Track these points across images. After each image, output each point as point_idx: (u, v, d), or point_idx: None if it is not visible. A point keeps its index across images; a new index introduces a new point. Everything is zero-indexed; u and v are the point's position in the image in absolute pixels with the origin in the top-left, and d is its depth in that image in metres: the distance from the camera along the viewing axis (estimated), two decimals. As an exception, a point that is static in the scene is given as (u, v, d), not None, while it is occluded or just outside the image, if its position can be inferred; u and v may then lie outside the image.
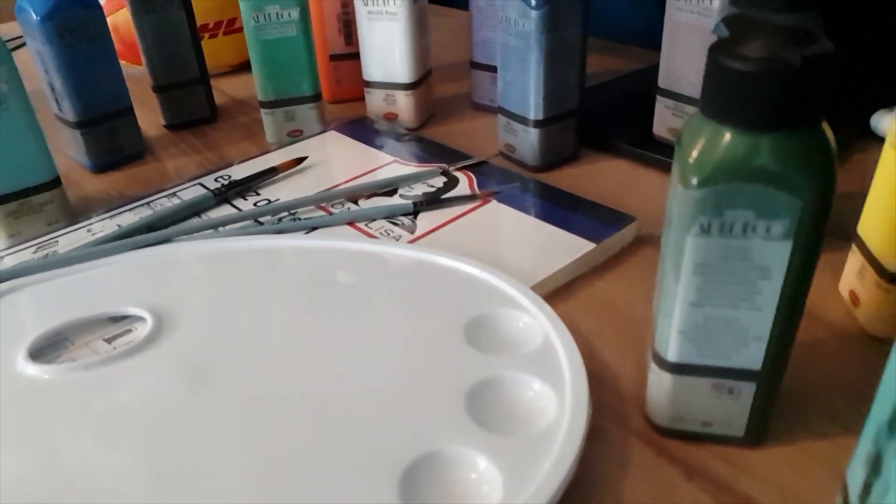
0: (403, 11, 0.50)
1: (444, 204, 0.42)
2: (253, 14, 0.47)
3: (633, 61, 0.66)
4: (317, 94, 0.52)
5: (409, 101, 0.54)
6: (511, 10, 0.44)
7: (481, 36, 0.54)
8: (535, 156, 0.47)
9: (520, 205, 0.41)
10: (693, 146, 0.22)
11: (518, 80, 0.45)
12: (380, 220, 0.41)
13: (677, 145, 0.24)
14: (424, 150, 0.49)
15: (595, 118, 0.50)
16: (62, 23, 0.46)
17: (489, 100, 0.57)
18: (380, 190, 0.44)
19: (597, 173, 0.48)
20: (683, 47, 0.43)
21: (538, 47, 0.43)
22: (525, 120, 0.46)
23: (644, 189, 0.45)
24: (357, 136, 0.51)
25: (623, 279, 0.37)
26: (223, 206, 0.43)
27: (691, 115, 0.24)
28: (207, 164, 0.52)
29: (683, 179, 0.22)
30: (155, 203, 0.44)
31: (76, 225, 0.42)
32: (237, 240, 0.38)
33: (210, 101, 0.58)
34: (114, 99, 0.50)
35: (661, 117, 0.47)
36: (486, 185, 0.44)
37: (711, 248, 0.23)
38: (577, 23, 0.44)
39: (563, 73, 0.45)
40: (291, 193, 0.44)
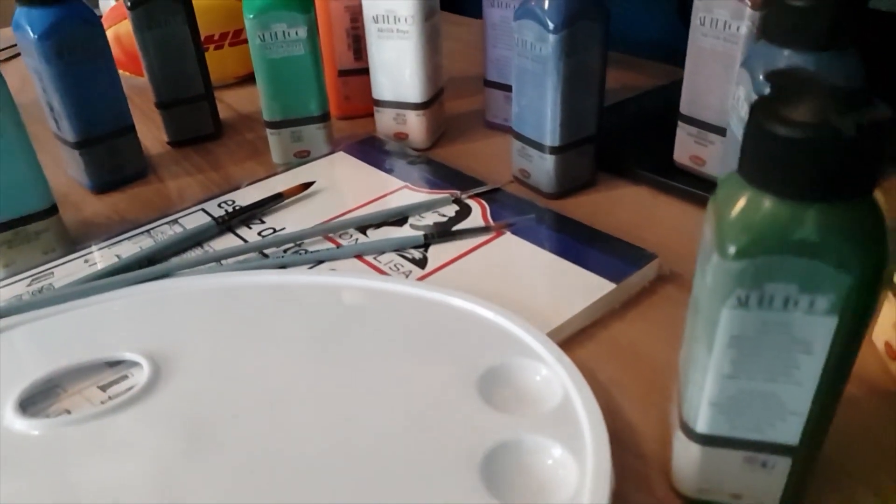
0: (415, 29, 0.48)
1: (456, 236, 0.40)
2: (259, 32, 0.46)
3: (653, 77, 0.64)
4: (325, 115, 0.50)
5: (420, 121, 0.52)
6: (527, 33, 0.42)
7: (496, 54, 0.53)
8: (551, 183, 0.45)
9: (535, 238, 0.40)
10: (730, 212, 0.21)
11: (534, 105, 0.43)
12: (389, 253, 0.39)
13: (712, 203, 0.22)
14: (435, 175, 0.47)
15: (613, 141, 0.48)
16: (61, 41, 0.44)
17: (503, 119, 0.55)
18: (389, 219, 0.42)
19: (615, 201, 0.46)
20: (707, 74, 0.41)
21: (555, 72, 0.41)
22: (541, 146, 0.44)
23: (664, 219, 0.44)
24: (366, 158, 0.49)
25: (643, 321, 0.35)
26: (226, 235, 0.42)
27: (728, 174, 0.22)
28: (211, 184, 0.50)
29: (720, 247, 0.21)
30: (155, 231, 0.42)
31: (73, 254, 0.40)
32: (240, 275, 0.37)
33: (215, 118, 0.56)
34: (114, 117, 0.48)
35: (683, 144, 0.45)
36: (499, 216, 0.42)
37: (748, 321, 0.21)
38: (596, 46, 0.42)
39: (582, 98, 0.43)
40: (297, 221, 0.42)
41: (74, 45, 0.45)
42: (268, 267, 0.38)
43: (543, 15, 0.40)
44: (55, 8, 0.44)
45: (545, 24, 0.40)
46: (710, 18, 0.39)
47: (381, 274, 0.37)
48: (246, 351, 0.32)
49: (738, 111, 0.33)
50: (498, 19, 0.51)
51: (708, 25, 0.40)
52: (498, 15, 0.51)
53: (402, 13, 0.48)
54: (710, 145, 0.43)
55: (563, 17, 0.40)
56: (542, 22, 0.40)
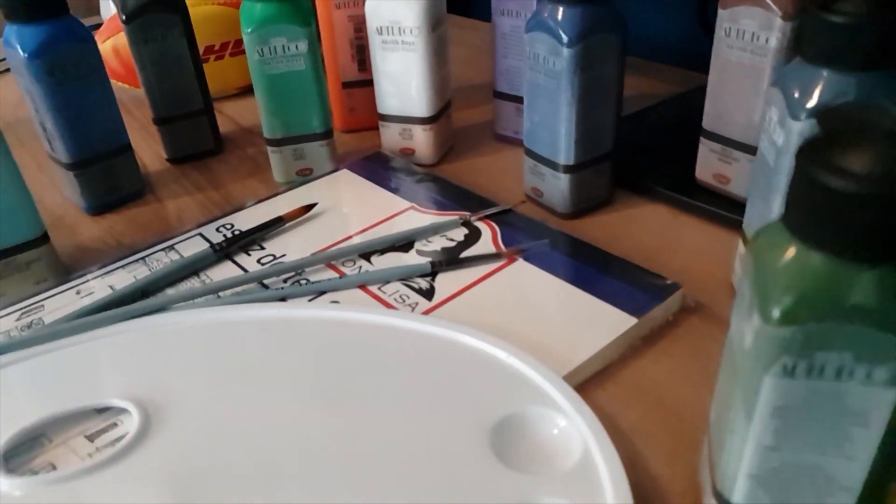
0: (421, 41, 0.46)
1: (465, 264, 0.38)
2: (257, 47, 0.44)
3: (670, 83, 0.61)
4: (327, 131, 0.48)
5: (426, 136, 0.50)
6: (540, 46, 0.39)
7: (506, 64, 0.50)
8: (565, 202, 0.43)
9: (549, 265, 0.37)
10: (773, 269, 0.18)
11: (547, 122, 0.41)
12: (394, 283, 0.37)
13: (751, 253, 0.20)
14: (443, 194, 0.45)
15: (630, 156, 0.45)
16: (52, 59, 0.42)
17: (513, 132, 0.53)
18: (395, 245, 0.40)
19: (633, 221, 0.43)
20: (733, 88, 0.39)
21: (570, 88, 0.39)
22: (554, 164, 0.42)
23: (686, 241, 0.41)
24: (371, 177, 0.47)
25: (667, 358, 0.33)
26: (224, 263, 0.40)
27: (769, 224, 0.20)
28: (210, 204, 0.48)
29: (762, 309, 0.18)
30: (151, 258, 0.40)
31: (65, 285, 0.38)
32: (237, 309, 0.35)
33: (215, 133, 0.54)
34: (110, 137, 0.46)
35: (706, 161, 0.42)
36: (511, 240, 0.39)
37: (795, 390, 0.19)
38: (613, 59, 0.40)
39: (598, 114, 0.41)
40: (299, 246, 0.40)
41: (66, 64, 0.43)
42: (267, 299, 0.36)
43: (557, 27, 0.38)
44: (46, 25, 0.42)
45: (559, 38, 0.38)
46: (736, 29, 0.37)
47: (385, 306, 0.35)
48: (241, 395, 0.30)
49: (770, 134, 0.30)
50: (508, 28, 0.49)
51: (734, 37, 0.37)
52: (508, 24, 0.48)
53: (407, 24, 0.46)
54: (734, 163, 0.40)
55: (577, 29, 0.38)
56: (556, 35, 0.38)
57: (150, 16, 0.48)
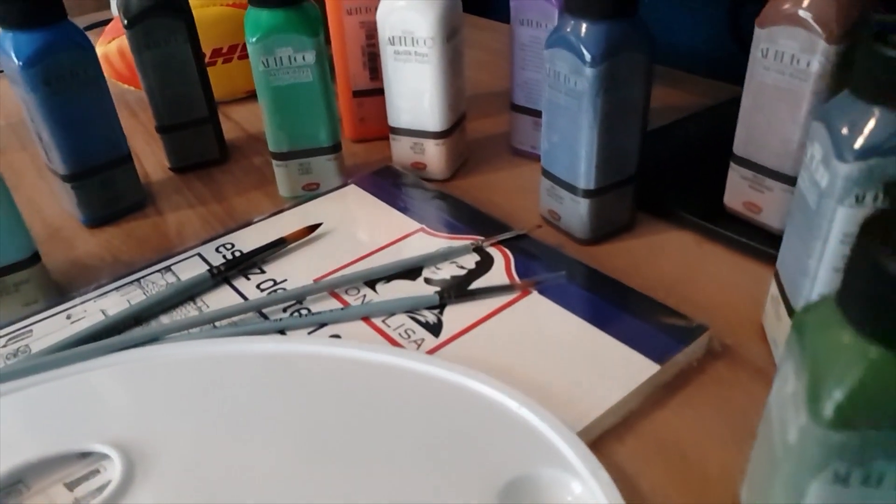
0: (435, 53, 0.44)
1: (476, 296, 0.35)
2: (262, 58, 0.41)
3: (698, 94, 0.59)
4: (335, 145, 0.46)
5: (439, 150, 0.47)
6: (560, 64, 0.37)
7: (524, 77, 0.48)
8: (584, 228, 0.41)
9: (565, 299, 0.35)
10: (824, 356, 0.16)
11: (566, 144, 0.39)
12: (400, 315, 0.35)
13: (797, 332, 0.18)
14: (454, 215, 0.42)
15: (654, 175, 0.43)
16: (48, 68, 0.40)
17: (531, 147, 0.50)
18: (402, 271, 0.38)
19: (656, 249, 0.41)
20: (768, 113, 0.36)
21: (592, 109, 0.36)
22: (573, 188, 0.40)
23: (713, 273, 0.38)
24: (379, 193, 0.45)
25: (690, 409, 0.30)
26: (222, 288, 0.38)
27: (820, 301, 0.17)
28: (212, 218, 0.46)
29: (811, 405, 0.16)
30: (146, 280, 0.38)
31: (55, 308, 0.37)
32: (232, 342, 0.33)
33: (220, 142, 0.52)
34: (109, 148, 0.44)
35: (736, 188, 0.40)
36: (525, 270, 0.37)
37: (848, 498, 0.16)
38: (640, 80, 0.37)
39: (621, 137, 0.38)
40: (301, 270, 0.38)
41: (63, 73, 0.41)
42: (265, 331, 0.34)
43: (579, 45, 0.35)
44: (42, 32, 0.40)
45: (581, 56, 0.35)
46: (774, 51, 0.34)
47: (389, 342, 0.33)
48: (233, 441, 0.28)
49: (812, 172, 0.28)
50: (527, 39, 0.46)
51: (771, 58, 0.34)
52: (528, 35, 0.46)
53: (420, 34, 0.43)
54: (767, 192, 0.38)
55: (602, 48, 0.35)
56: (578, 53, 0.35)
57: (152, 20, 0.46)
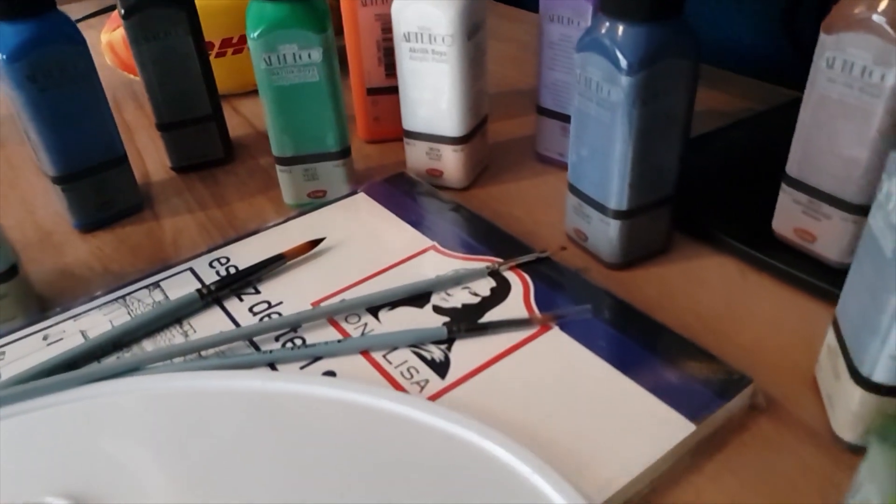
0: (454, 52, 0.40)
1: (489, 330, 0.32)
2: (264, 55, 0.38)
3: (745, 98, 0.54)
4: (344, 150, 0.42)
5: (457, 157, 0.43)
6: (593, 70, 0.33)
7: (552, 77, 0.43)
8: (614, 251, 0.36)
9: (590, 338, 0.31)
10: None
11: (597, 159, 0.34)
12: (403, 349, 0.31)
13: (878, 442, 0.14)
14: (470, 232, 0.39)
15: (692, 190, 0.38)
16: (34, 63, 0.37)
17: (558, 154, 0.46)
18: (409, 296, 0.34)
19: (693, 276, 0.37)
20: (831, 131, 0.31)
21: (627, 122, 0.32)
22: (603, 208, 0.35)
23: (757, 307, 0.34)
24: (390, 204, 0.41)
25: (729, 476, 0.27)
26: (212, 309, 0.34)
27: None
28: (211, 225, 0.43)
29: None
30: (132, 297, 0.35)
31: (32, 327, 0.34)
32: (216, 377, 0.30)
33: (224, 140, 0.49)
34: (102, 149, 0.41)
35: (787, 212, 0.35)
36: (546, 300, 0.33)
37: None
38: (682, 90, 0.33)
39: (659, 154, 0.34)
40: (299, 290, 0.35)
41: (51, 68, 0.38)
42: (254, 363, 0.31)
43: (614, 49, 0.31)
44: (28, 23, 0.37)
45: (617, 63, 0.31)
46: (842, 60, 0.30)
47: (389, 382, 0.30)
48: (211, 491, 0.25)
49: (888, 214, 0.23)
50: (557, 37, 0.42)
51: (838, 69, 0.30)
52: (558, 32, 0.41)
53: (438, 31, 0.39)
54: (824, 219, 0.33)
55: (641, 54, 0.31)
56: (614, 59, 0.31)
57: (151, 10, 0.43)
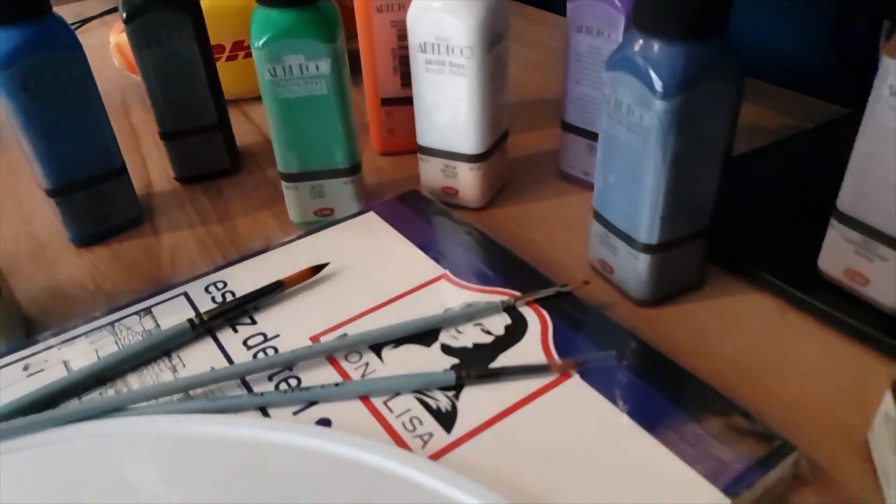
0: (473, 64, 0.37)
1: (501, 377, 0.29)
2: (269, 66, 0.35)
3: (790, 115, 0.50)
4: (353, 167, 0.39)
5: (474, 175, 0.41)
6: (624, 91, 0.29)
7: (578, 92, 0.40)
8: (642, 287, 0.33)
9: (613, 390, 0.28)
10: None
11: (626, 187, 0.31)
12: (407, 395, 0.29)
13: None
14: (485, 259, 0.36)
15: (729, 218, 0.35)
16: (25, 70, 0.35)
17: (583, 172, 0.43)
18: (415, 333, 0.31)
19: (728, 315, 0.33)
20: (890, 165, 0.28)
21: (661, 150, 0.29)
22: (631, 240, 0.32)
23: (800, 355, 0.31)
24: (401, 226, 0.38)
25: (769, 560, 0.23)
26: (204, 341, 0.32)
27: None
28: (211, 242, 0.41)
29: None
30: (120, 324, 0.33)
31: (13, 355, 0.31)
32: (201, 422, 0.27)
33: (230, 150, 0.47)
34: (99, 160, 0.39)
35: (836, 251, 0.32)
36: (565, 343, 0.30)
37: None
38: (723, 115, 0.29)
39: (696, 184, 0.31)
40: (298, 321, 0.32)
41: (44, 75, 0.36)
42: (244, 406, 0.28)
43: (649, 70, 0.28)
44: (20, 28, 0.35)
45: (651, 85, 0.28)
46: (907, 89, 0.26)
47: (388, 434, 0.27)
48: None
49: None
50: (585, 49, 0.39)
51: (902, 98, 0.26)
52: (586, 44, 0.38)
53: (456, 43, 0.36)
54: (879, 261, 0.30)
55: (678, 75, 0.27)
56: (647, 80, 0.28)
57: (153, 14, 0.40)
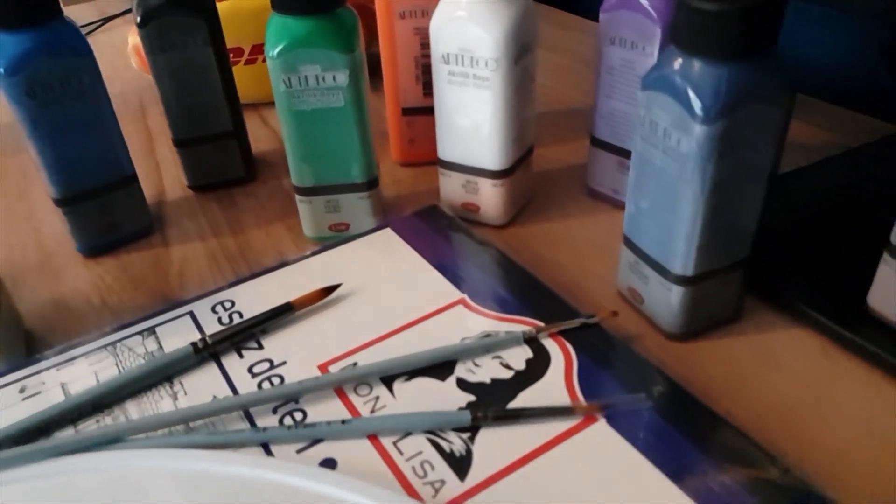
0: (499, 78, 0.35)
1: (521, 419, 0.27)
2: (283, 76, 0.33)
3: (837, 132, 0.47)
4: (370, 182, 0.37)
5: (496, 192, 0.38)
6: (661, 113, 0.27)
7: (610, 107, 0.38)
8: (674, 320, 0.31)
9: (641, 436, 0.26)
10: None
11: (660, 214, 0.29)
12: (418, 435, 0.27)
13: None
14: (506, 283, 0.34)
15: (768, 244, 0.32)
16: (32, 77, 0.34)
17: (612, 190, 0.41)
18: (429, 365, 0.30)
19: (767, 353, 0.31)
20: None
21: (699, 177, 0.27)
22: (664, 270, 0.30)
23: (845, 399, 0.28)
24: (418, 244, 0.37)
25: None
26: (207, 365, 0.30)
27: None
28: (222, 256, 0.39)
29: None
30: (122, 345, 0.32)
31: (9, 376, 0.30)
32: (202, 457, 0.25)
33: (246, 159, 0.45)
34: (109, 169, 0.38)
35: (888, 289, 0.29)
36: (591, 382, 0.28)
37: None
38: (769, 141, 0.27)
39: (736, 214, 0.28)
40: (305, 349, 0.31)
41: (52, 82, 0.34)
42: (245, 442, 0.27)
43: (689, 91, 0.26)
44: (29, 33, 0.34)
45: (690, 108, 0.26)
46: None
47: (397, 479, 0.25)
48: None
49: None
50: (618, 62, 0.36)
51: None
52: (619, 57, 0.36)
53: (481, 54, 0.34)
54: (938, 303, 0.27)
55: (721, 98, 0.25)
56: (686, 103, 0.26)
57: (167, 18, 0.39)
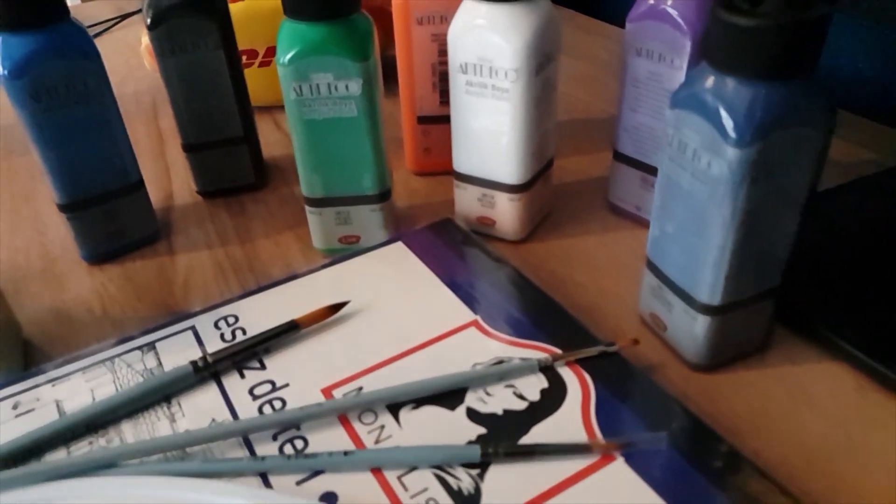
0: (518, 89, 0.33)
1: (535, 456, 0.25)
2: (294, 84, 0.32)
3: (873, 149, 0.45)
4: (382, 194, 0.36)
5: (513, 207, 0.37)
6: (690, 133, 0.26)
7: (634, 120, 0.36)
8: (699, 351, 0.29)
9: (662, 479, 0.24)
10: None
11: (686, 240, 0.27)
12: (424, 470, 0.25)
13: None
14: (521, 305, 0.32)
15: (801, 270, 0.30)
16: (37, 79, 0.33)
17: (635, 207, 0.39)
18: (438, 392, 0.28)
19: (796, 388, 0.29)
20: None
21: (730, 203, 0.25)
22: (689, 298, 0.28)
23: (883, 442, 0.27)
24: (431, 260, 0.35)
25: None
26: (207, 385, 0.29)
27: None
28: (229, 266, 0.38)
29: None
30: (121, 360, 0.30)
31: (3, 391, 0.29)
32: (196, 487, 0.24)
33: (257, 164, 0.44)
34: (115, 175, 0.37)
35: (932, 325, 0.27)
36: (609, 414, 0.27)
37: None
38: (806, 165, 0.25)
39: (768, 241, 0.27)
40: (309, 371, 0.29)
41: (57, 86, 0.33)
42: (242, 471, 0.25)
43: (721, 112, 0.24)
44: (35, 35, 0.33)
45: (723, 129, 0.24)
46: None
47: (403, 518, 0.24)
48: None
49: None
50: (644, 75, 0.35)
51: None
52: (645, 69, 0.34)
53: (501, 65, 0.33)
54: None
55: (756, 120, 0.23)
56: (718, 124, 0.24)
57: (178, 21, 0.38)
